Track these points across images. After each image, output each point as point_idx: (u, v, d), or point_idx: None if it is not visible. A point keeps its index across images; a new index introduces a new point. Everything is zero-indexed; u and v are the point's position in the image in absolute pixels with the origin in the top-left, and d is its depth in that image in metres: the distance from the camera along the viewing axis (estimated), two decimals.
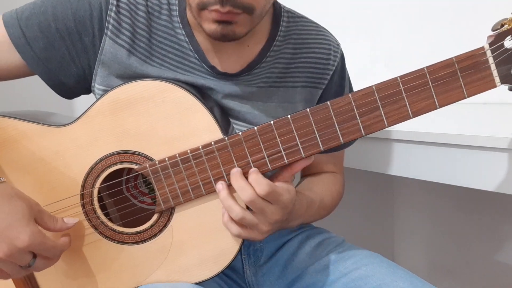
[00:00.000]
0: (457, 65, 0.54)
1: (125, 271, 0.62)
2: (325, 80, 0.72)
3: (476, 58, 0.54)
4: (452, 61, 0.54)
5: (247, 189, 0.56)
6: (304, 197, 0.65)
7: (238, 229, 0.58)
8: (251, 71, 0.68)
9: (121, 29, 0.64)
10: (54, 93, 0.69)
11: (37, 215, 0.55)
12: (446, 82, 0.55)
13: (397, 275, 0.60)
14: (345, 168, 0.81)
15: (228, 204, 0.57)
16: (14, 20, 0.64)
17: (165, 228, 0.61)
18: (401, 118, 0.56)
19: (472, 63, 0.54)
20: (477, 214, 1.23)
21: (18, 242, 0.52)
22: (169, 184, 0.59)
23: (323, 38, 0.73)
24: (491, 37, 0.55)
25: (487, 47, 0.54)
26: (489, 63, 0.54)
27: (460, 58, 0.54)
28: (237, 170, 0.57)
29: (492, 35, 0.55)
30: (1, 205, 0.52)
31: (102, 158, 0.61)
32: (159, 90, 0.59)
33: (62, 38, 0.64)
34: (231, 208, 0.57)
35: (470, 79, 0.54)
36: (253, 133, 0.58)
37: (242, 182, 0.56)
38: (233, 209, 0.56)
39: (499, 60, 0.54)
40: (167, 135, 0.59)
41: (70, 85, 0.67)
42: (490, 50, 0.54)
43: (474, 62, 0.54)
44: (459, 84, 0.55)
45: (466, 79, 0.54)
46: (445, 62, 0.55)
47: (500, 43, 0.54)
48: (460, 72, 0.54)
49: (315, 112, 0.57)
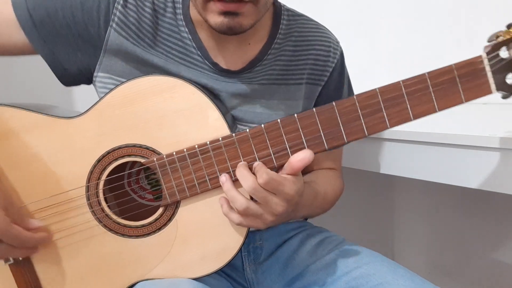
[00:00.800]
0: (456, 71, 0.57)
1: (129, 264, 0.63)
2: (324, 77, 0.75)
3: (474, 65, 0.57)
4: (452, 68, 0.57)
5: (249, 177, 0.56)
6: (311, 188, 0.67)
7: (239, 217, 0.58)
8: (252, 68, 0.70)
9: (127, 22, 0.66)
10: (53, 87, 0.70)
11: (5, 205, 0.56)
12: (446, 87, 0.58)
13: (398, 274, 0.61)
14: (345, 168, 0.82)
15: (231, 195, 0.57)
16: (22, 1, 0.65)
17: (169, 222, 0.62)
18: (403, 120, 0.59)
19: (470, 70, 0.57)
20: (477, 214, 1.22)
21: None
22: (175, 178, 0.60)
23: (323, 36, 0.75)
24: (487, 47, 0.59)
25: (485, 56, 0.57)
26: (486, 71, 0.57)
27: (459, 65, 0.57)
28: (243, 163, 0.59)
29: (489, 45, 0.59)
30: None
31: (109, 151, 0.61)
32: (168, 85, 0.61)
33: (68, 26, 0.65)
34: (235, 198, 0.57)
35: (468, 85, 0.57)
36: (260, 131, 0.59)
37: (245, 172, 0.57)
38: (237, 199, 0.56)
39: (495, 69, 0.57)
40: (175, 130, 0.61)
41: (72, 73, 0.68)
42: (487, 59, 0.57)
43: (472, 69, 0.57)
44: (457, 90, 0.58)
45: (464, 85, 0.57)
46: (445, 68, 0.58)
47: (496, 53, 0.58)
48: (459, 78, 0.57)
49: (321, 112, 0.59)
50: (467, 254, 1.28)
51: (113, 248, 0.63)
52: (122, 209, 0.68)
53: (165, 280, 0.62)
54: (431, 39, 1.18)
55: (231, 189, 0.58)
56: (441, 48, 1.14)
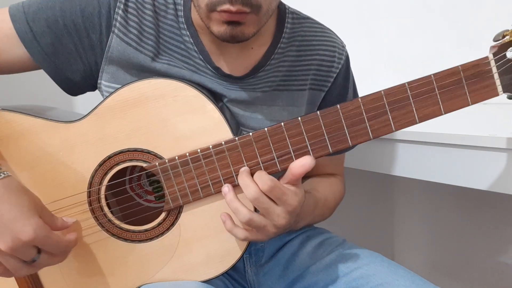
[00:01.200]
0: (463, 73, 0.56)
1: (132, 269, 0.62)
2: (328, 82, 0.73)
3: (480, 67, 0.56)
4: (458, 69, 0.57)
5: (252, 185, 0.55)
6: (311, 197, 0.67)
7: (245, 232, 0.57)
8: (256, 74, 0.68)
9: (128, 27, 0.64)
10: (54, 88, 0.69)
11: (39, 210, 0.54)
12: (452, 89, 0.57)
13: (398, 274, 0.61)
14: (346, 168, 0.82)
15: (234, 206, 0.56)
16: (21, 14, 0.63)
17: (172, 227, 0.61)
18: (408, 123, 0.58)
19: (476, 72, 0.57)
20: (477, 214, 1.23)
21: (22, 235, 0.50)
22: (178, 183, 0.60)
23: (328, 40, 0.73)
24: (494, 47, 0.58)
25: (491, 57, 0.56)
26: (492, 72, 0.56)
27: (465, 67, 0.57)
28: (245, 169, 0.58)
29: (495, 45, 0.58)
30: (7, 198, 0.51)
31: (110, 156, 0.60)
32: (170, 88, 0.60)
33: (70, 34, 0.63)
34: (238, 210, 0.56)
35: (474, 87, 0.57)
36: (263, 134, 0.58)
37: (247, 180, 0.56)
38: (240, 211, 0.56)
39: (502, 70, 0.56)
40: (178, 134, 0.60)
41: (76, 81, 0.67)
42: (494, 60, 0.56)
43: (478, 71, 0.57)
44: (464, 92, 0.57)
45: (470, 87, 0.57)
46: (451, 70, 0.57)
47: (503, 53, 0.57)
48: (465, 80, 0.57)
49: (325, 115, 0.58)
50: (467, 254, 1.28)
51: (117, 253, 0.62)
52: (126, 214, 0.67)
53: (170, 283, 0.62)
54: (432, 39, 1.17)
55: (234, 200, 0.57)
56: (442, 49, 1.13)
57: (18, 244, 0.51)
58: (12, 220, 0.51)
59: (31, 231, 0.51)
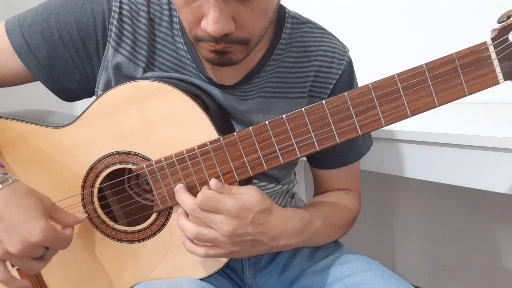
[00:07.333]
0: (458, 61, 0.52)
1: (127, 269, 0.64)
2: (327, 89, 0.68)
3: (478, 54, 0.52)
4: (453, 57, 0.52)
5: (187, 200, 0.57)
6: (304, 214, 0.62)
7: (202, 249, 0.57)
8: (249, 80, 0.66)
9: (123, 37, 0.63)
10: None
11: (50, 210, 0.56)
12: (446, 79, 0.53)
13: (392, 285, 0.59)
14: None
15: (181, 224, 0.58)
16: (16, 27, 0.63)
17: (164, 227, 0.62)
18: (399, 117, 0.55)
19: (473, 59, 0.52)
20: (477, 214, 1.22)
21: (31, 237, 0.52)
22: (166, 184, 0.60)
23: (327, 45, 0.68)
24: (495, 30, 0.53)
25: (490, 42, 0.52)
26: (491, 58, 0.52)
27: (460, 54, 0.52)
28: (179, 186, 0.58)
29: (497, 28, 0.53)
30: (16, 202, 0.53)
31: (100, 159, 0.61)
32: (153, 90, 0.59)
33: (65, 46, 0.63)
34: (184, 227, 0.57)
35: (471, 76, 0.52)
36: (248, 133, 0.57)
37: (184, 195, 0.57)
38: (186, 226, 0.57)
39: (502, 56, 0.51)
40: (163, 135, 0.59)
41: (73, 90, 0.67)
42: (493, 45, 0.51)
43: (475, 58, 0.52)
44: (459, 82, 0.53)
45: (467, 76, 0.52)
46: (445, 58, 0.52)
47: (504, 37, 0.52)
48: (460, 68, 0.52)
49: (310, 112, 0.56)
50: (467, 254, 1.26)
51: (111, 253, 0.64)
52: (126, 212, 0.68)
53: (167, 280, 0.62)
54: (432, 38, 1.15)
55: (180, 218, 0.58)
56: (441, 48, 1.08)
57: (28, 246, 0.52)
58: (21, 223, 0.52)
59: (40, 233, 0.52)
